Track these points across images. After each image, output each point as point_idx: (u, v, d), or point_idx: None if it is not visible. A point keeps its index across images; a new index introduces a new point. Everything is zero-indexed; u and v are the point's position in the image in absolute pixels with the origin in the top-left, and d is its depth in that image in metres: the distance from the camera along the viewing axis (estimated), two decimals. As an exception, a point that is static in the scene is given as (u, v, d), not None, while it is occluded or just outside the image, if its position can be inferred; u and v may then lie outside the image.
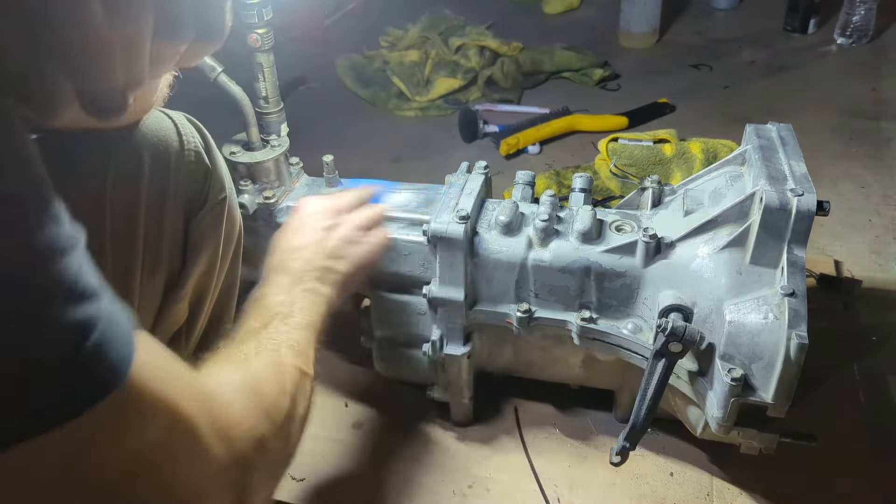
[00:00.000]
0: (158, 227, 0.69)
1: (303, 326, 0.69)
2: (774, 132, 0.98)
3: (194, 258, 0.73)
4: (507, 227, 0.97)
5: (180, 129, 0.72)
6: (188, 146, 0.72)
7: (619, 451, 0.92)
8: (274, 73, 1.07)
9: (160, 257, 0.70)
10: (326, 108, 2.11)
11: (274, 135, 1.11)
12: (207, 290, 0.77)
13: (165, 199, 0.70)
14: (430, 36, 2.24)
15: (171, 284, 0.72)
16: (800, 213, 0.83)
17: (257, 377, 0.57)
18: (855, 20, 2.22)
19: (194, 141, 0.73)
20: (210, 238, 0.75)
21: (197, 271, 0.74)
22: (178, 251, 0.72)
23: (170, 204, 0.70)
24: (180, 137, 0.71)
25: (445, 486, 1.03)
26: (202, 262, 0.74)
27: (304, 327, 0.69)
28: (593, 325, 0.95)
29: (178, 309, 0.74)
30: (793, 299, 0.80)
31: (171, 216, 0.70)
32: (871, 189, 1.62)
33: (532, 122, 1.88)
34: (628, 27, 2.34)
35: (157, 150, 0.69)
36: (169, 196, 0.70)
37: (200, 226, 0.74)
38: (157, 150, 0.69)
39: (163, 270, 0.70)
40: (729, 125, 1.81)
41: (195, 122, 0.75)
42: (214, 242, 0.75)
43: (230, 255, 0.81)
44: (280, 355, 0.62)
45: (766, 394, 0.82)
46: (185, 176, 0.71)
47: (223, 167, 0.77)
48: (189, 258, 0.73)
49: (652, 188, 1.03)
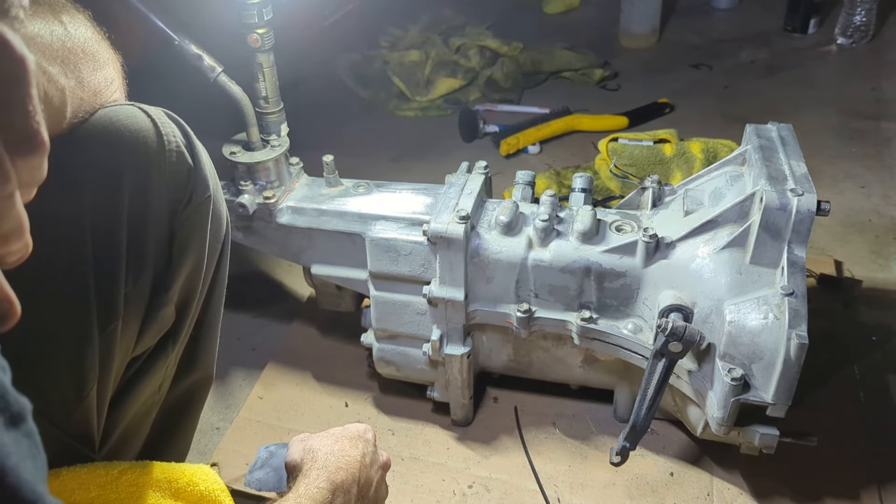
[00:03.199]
0: (141, 231, 0.66)
1: None
2: (774, 132, 0.98)
3: (180, 259, 0.70)
4: (507, 227, 0.97)
5: (160, 127, 0.68)
6: (169, 145, 0.68)
7: (619, 451, 0.92)
8: (274, 73, 1.07)
9: (144, 262, 0.67)
10: (326, 108, 2.11)
11: (274, 135, 1.11)
12: (194, 291, 0.74)
13: (148, 200, 0.67)
14: (431, 36, 2.24)
15: (157, 288, 0.69)
16: (800, 213, 0.83)
17: None
18: (855, 20, 2.22)
19: (175, 139, 0.69)
20: (196, 238, 0.72)
21: (183, 273, 0.71)
22: (163, 253, 0.69)
23: (153, 205, 0.67)
24: (160, 135, 0.68)
25: (445, 486, 1.03)
26: (188, 262, 0.72)
27: None
28: (593, 325, 0.95)
29: (165, 313, 0.71)
30: (793, 299, 0.80)
31: (155, 218, 0.68)
32: (871, 189, 1.62)
33: (532, 122, 1.88)
34: (628, 27, 2.34)
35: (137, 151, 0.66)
36: (152, 197, 0.67)
37: (185, 225, 0.71)
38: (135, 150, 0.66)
39: (148, 275, 0.68)
40: (729, 125, 1.81)
41: (175, 118, 0.71)
42: (200, 242, 0.72)
43: (217, 255, 0.78)
44: None
45: (767, 394, 0.82)
46: (168, 175, 0.68)
47: (207, 164, 0.73)
48: (174, 259, 0.70)
49: (652, 188, 1.03)
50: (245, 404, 1.18)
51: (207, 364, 0.85)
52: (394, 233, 1.02)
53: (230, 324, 1.37)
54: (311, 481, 0.70)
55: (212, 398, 1.21)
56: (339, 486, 0.70)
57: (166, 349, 0.74)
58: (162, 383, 0.78)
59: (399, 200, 1.08)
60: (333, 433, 0.78)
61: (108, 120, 0.66)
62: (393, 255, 1.02)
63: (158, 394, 0.78)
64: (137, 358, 0.72)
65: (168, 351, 0.75)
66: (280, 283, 1.45)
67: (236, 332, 1.33)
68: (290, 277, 1.45)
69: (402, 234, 1.01)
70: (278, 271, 1.47)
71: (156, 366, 0.74)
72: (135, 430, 0.76)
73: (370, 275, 1.05)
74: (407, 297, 1.03)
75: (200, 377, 0.85)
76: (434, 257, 0.98)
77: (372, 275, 1.05)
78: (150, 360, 0.73)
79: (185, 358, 0.80)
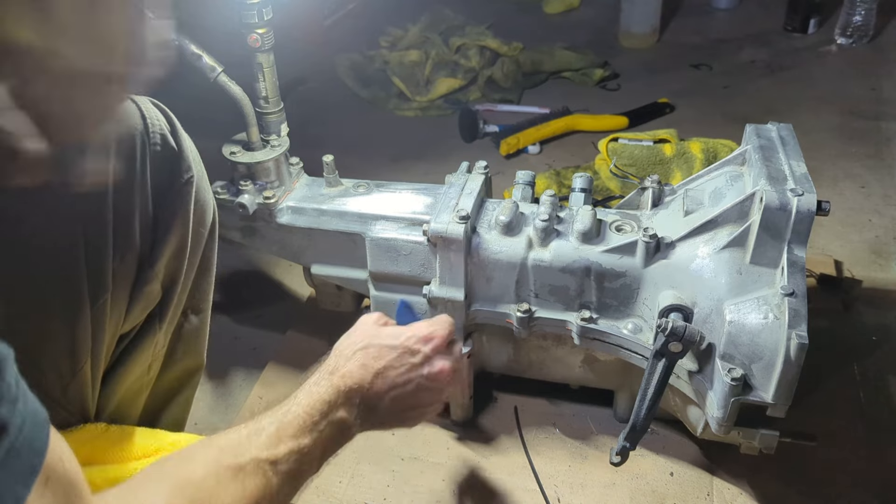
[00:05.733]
0: (128, 212, 0.71)
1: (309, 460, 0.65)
2: (774, 132, 0.98)
3: (163, 238, 0.75)
4: (507, 227, 0.97)
5: (145, 114, 0.73)
6: (153, 129, 0.73)
7: (619, 451, 0.92)
8: (274, 73, 1.07)
9: (131, 240, 0.71)
10: (326, 108, 2.11)
11: (274, 135, 1.11)
12: (179, 271, 0.78)
13: (133, 184, 0.71)
14: (431, 36, 2.24)
15: (143, 265, 0.74)
16: (800, 213, 0.83)
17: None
18: (855, 20, 2.22)
19: (159, 124, 0.74)
20: (178, 217, 0.76)
21: (167, 250, 0.75)
22: (147, 231, 0.73)
23: (138, 188, 0.72)
24: (145, 122, 0.73)
25: (445, 486, 1.03)
26: (172, 241, 0.76)
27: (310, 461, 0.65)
28: (593, 325, 0.95)
29: (151, 290, 0.75)
30: (793, 299, 0.80)
31: (140, 200, 0.72)
32: (871, 189, 1.62)
33: (532, 122, 1.88)
34: (628, 27, 2.34)
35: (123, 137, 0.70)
36: (136, 181, 0.71)
37: (168, 206, 0.75)
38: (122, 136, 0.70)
39: (134, 253, 0.72)
40: (729, 125, 1.81)
41: (160, 106, 0.76)
42: (183, 222, 0.77)
43: (204, 239, 0.82)
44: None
45: (766, 394, 0.82)
46: (152, 161, 0.73)
47: (190, 148, 0.78)
48: (158, 238, 0.74)
49: (652, 188, 1.03)
50: (245, 404, 1.18)
51: (198, 351, 0.90)
52: (394, 233, 1.02)
53: (230, 324, 1.38)
54: (320, 380, 0.70)
55: (212, 398, 1.21)
56: (342, 393, 0.69)
57: (153, 327, 0.78)
58: (151, 364, 0.81)
59: (399, 200, 1.08)
60: (373, 335, 0.76)
61: None
62: (393, 255, 1.02)
63: (148, 375, 0.82)
64: (126, 335, 0.76)
65: (155, 329, 0.79)
66: (280, 283, 1.45)
67: (236, 332, 1.33)
68: (290, 277, 1.45)
69: (402, 234, 1.01)
70: (278, 271, 1.47)
71: (143, 343, 0.78)
72: (126, 412, 0.79)
73: (370, 275, 1.05)
74: (407, 298, 1.03)
75: (190, 364, 0.89)
76: (434, 257, 0.98)
77: (372, 275, 1.05)
78: (138, 338, 0.77)
79: (175, 343, 0.84)
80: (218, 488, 0.56)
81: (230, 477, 0.57)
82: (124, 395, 0.78)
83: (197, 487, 0.55)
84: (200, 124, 0.89)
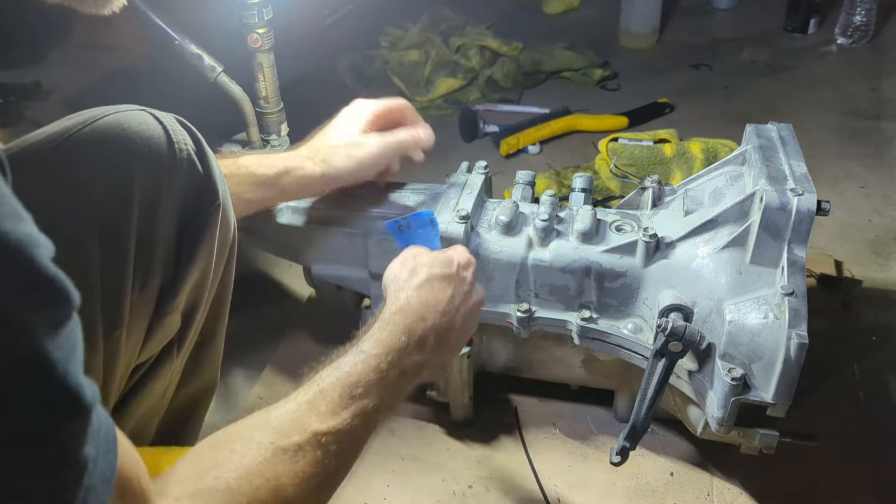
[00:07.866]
0: (150, 238, 0.66)
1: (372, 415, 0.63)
2: (774, 132, 0.98)
3: (188, 268, 0.70)
4: (507, 227, 0.97)
5: (171, 134, 0.68)
6: (180, 153, 0.68)
7: (619, 451, 0.92)
8: (274, 73, 1.07)
9: (152, 269, 0.67)
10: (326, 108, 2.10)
11: (274, 135, 1.11)
12: (200, 298, 0.74)
13: (158, 208, 0.67)
14: (431, 36, 2.23)
15: (164, 295, 0.69)
16: (800, 213, 0.83)
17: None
18: (855, 20, 2.22)
19: (186, 147, 0.69)
20: (205, 246, 0.71)
21: (191, 281, 0.71)
22: (171, 261, 0.69)
23: (162, 213, 0.67)
24: (171, 143, 0.68)
25: (445, 486, 1.03)
26: (196, 271, 0.71)
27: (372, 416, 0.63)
28: (593, 325, 0.95)
29: (171, 320, 0.71)
30: (793, 299, 0.80)
31: (164, 226, 0.67)
32: (871, 189, 1.62)
33: (532, 122, 1.88)
34: (628, 27, 2.34)
35: (147, 158, 0.66)
36: (161, 205, 0.67)
37: (194, 234, 0.70)
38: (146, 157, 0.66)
39: (155, 282, 0.68)
40: (729, 125, 1.80)
41: (186, 125, 0.71)
42: (208, 251, 0.72)
43: (224, 262, 0.78)
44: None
45: (767, 393, 0.82)
46: (178, 183, 0.68)
47: (217, 171, 0.73)
48: (182, 268, 0.70)
49: (652, 188, 1.03)
50: (245, 404, 1.18)
51: (212, 370, 0.85)
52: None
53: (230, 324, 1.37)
54: (387, 325, 0.68)
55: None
56: (415, 335, 0.68)
57: (171, 356, 0.74)
58: (166, 390, 0.77)
59: (399, 200, 1.08)
60: (429, 265, 0.75)
61: (119, 126, 0.65)
62: (393, 255, 1.01)
63: (163, 400, 0.78)
64: (142, 364, 0.71)
65: (173, 358, 0.74)
66: (280, 283, 1.45)
67: (236, 332, 1.33)
68: (290, 277, 1.45)
69: (402, 233, 1.01)
70: (278, 271, 1.47)
71: (160, 372, 0.73)
72: (138, 436, 0.75)
73: (370, 275, 1.05)
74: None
75: (205, 383, 0.85)
76: (434, 257, 0.98)
77: (372, 275, 1.05)
78: (154, 367, 0.73)
79: (191, 365, 0.80)
80: (277, 470, 0.54)
81: (289, 460, 0.55)
82: (137, 422, 0.75)
83: (257, 475, 0.53)
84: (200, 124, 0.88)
